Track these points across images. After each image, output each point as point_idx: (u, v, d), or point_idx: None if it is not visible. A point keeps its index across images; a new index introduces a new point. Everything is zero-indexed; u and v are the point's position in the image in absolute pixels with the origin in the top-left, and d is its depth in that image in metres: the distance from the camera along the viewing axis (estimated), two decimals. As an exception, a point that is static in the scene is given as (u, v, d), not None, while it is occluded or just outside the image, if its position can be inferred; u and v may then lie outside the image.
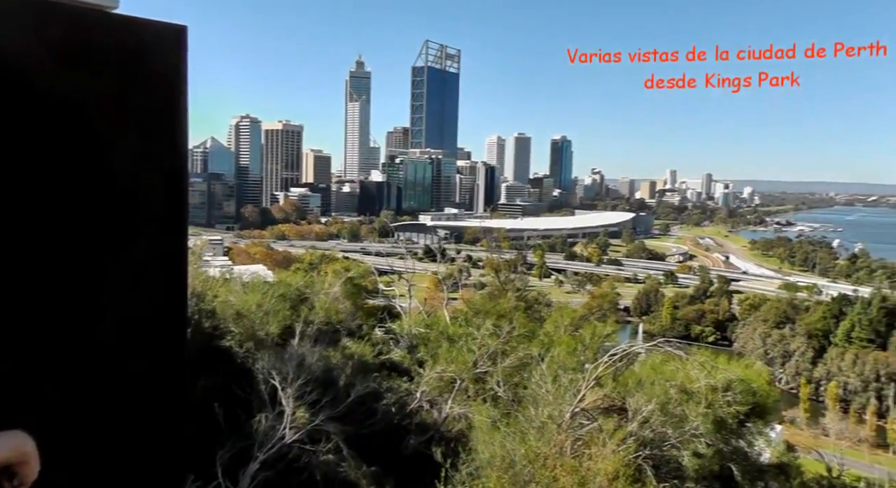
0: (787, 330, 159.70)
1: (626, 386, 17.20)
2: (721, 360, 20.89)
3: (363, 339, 18.90)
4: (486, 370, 18.40)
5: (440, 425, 16.20)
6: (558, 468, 10.90)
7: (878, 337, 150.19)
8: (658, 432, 15.79)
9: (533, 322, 24.39)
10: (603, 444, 12.60)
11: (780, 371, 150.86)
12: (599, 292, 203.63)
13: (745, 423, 19.94)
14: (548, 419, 13.81)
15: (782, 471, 22.56)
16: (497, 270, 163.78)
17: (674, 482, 14.80)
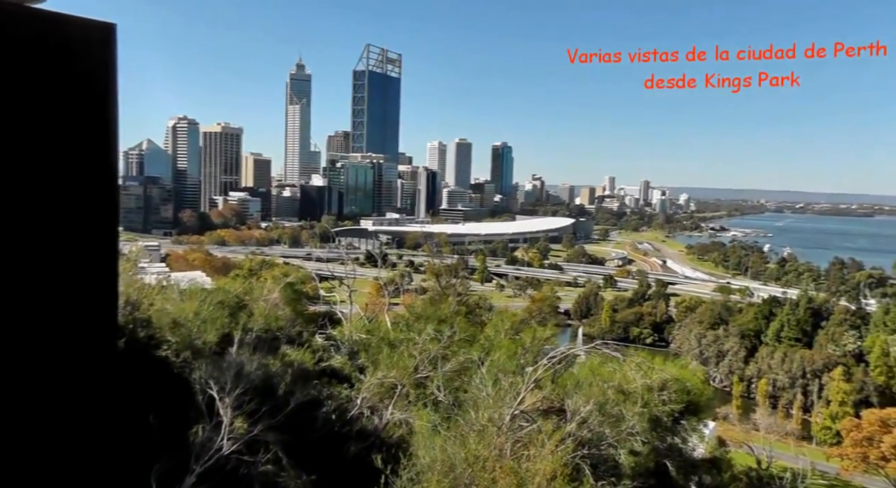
0: (721, 330, 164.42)
1: (565, 388, 17.49)
2: (657, 361, 21.44)
3: (303, 346, 18.73)
4: (426, 375, 18.48)
5: (381, 431, 16.19)
6: (498, 470, 11.04)
7: (805, 336, 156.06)
8: (596, 432, 16.09)
9: (474, 326, 24.61)
10: (542, 445, 12.79)
11: (715, 370, 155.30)
12: (540, 296, 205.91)
13: (679, 421, 20.52)
14: (488, 422, 13.94)
15: (715, 465, 23.32)
16: (438, 275, 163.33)
17: (611, 480, 15.08)
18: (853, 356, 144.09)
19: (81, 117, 1.78)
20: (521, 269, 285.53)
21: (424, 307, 29.87)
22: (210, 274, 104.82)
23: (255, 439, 12.65)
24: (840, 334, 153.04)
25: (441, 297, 60.27)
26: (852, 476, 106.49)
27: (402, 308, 38.92)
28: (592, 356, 21.90)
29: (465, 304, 47.80)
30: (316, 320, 28.96)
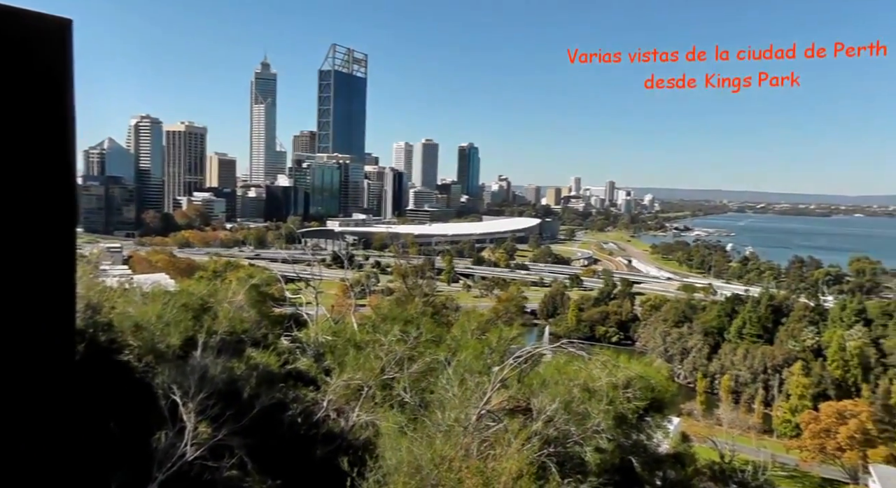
0: (685, 328, 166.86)
1: (531, 387, 17.58)
2: (622, 359, 21.73)
3: (269, 349, 18.53)
4: (393, 376, 18.46)
5: (347, 433, 16.11)
6: (464, 470, 11.07)
7: (766, 332, 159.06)
8: (562, 430, 16.21)
9: (440, 327, 24.60)
10: (508, 444, 12.86)
11: (679, 367, 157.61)
12: (506, 296, 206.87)
13: (644, 417, 20.80)
14: (454, 422, 13.98)
15: (679, 460, 23.67)
16: (405, 276, 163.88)
17: (577, 477, 15.21)
18: (812, 351, 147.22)
19: (36, 114, 1.71)
20: (487, 269, 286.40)
21: (391, 308, 29.76)
22: (174, 276, 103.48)
23: (219, 444, 12.44)
24: (799, 330, 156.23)
25: (408, 298, 60.25)
26: (810, 466, 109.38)
27: (369, 309, 38.80)
28: (558, 355, 22.07)
29: (431, 305, 47.82)
30: (282, 322, 28.71)
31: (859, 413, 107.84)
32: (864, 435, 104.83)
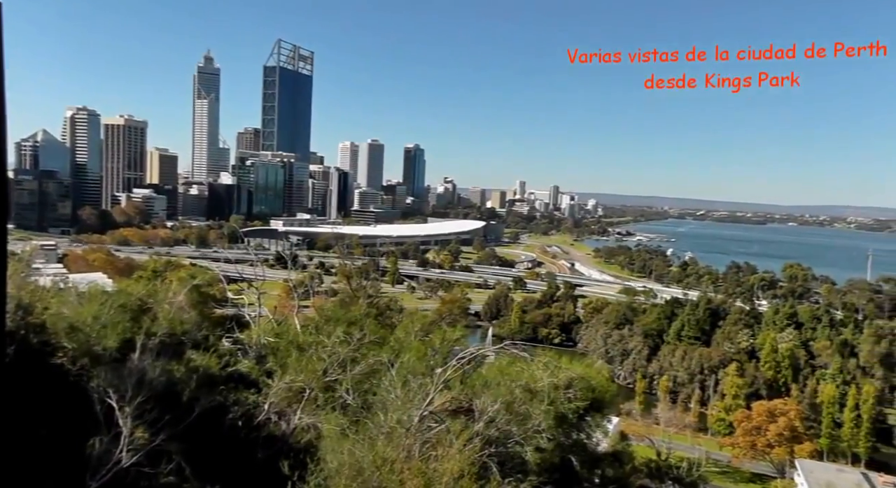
0: (626, 330, 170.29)
1: (474, 388, 17.76)
2: (564, 360, 22.07)
3: (209, 351, 18.20)
4: (336, 378, 18.39)
5: (289, 436, 15.98)
6: (405, 472, 11.14)
7: (704, 334, 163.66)
8: (503, 430, 16.42)
9: (384, 328, 24.58)
10: (450, 445, 12.98)
11: (620, 368, 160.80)
12: (450, 298, 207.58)
13: (584, 417, 21.19)
14: (396, 424, 14.05)
15: (617, 459, 24.21)
16: (349, 277, 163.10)
17: (518, 476, 15.41)
18: (746, 352, 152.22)
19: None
20: (432, 271, 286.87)
21: (334, 309, 29.57)
22: (112, 275, 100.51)
23: (156, 449, 12.14)
24: (735, 333, 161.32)
25: (352, 299, 59.98)
26: (742, 462, 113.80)
27: (313, 310, 38.41)
28: (501, 356, 22.35)
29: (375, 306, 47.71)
30: (223, 323, 28.24)
31: (788, 411, 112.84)
32: (791, 432, 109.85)
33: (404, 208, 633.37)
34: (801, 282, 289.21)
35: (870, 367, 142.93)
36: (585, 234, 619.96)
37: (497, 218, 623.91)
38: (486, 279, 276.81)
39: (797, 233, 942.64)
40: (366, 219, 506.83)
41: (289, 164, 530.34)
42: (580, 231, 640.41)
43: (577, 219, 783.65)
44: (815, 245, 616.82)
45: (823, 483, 60.05)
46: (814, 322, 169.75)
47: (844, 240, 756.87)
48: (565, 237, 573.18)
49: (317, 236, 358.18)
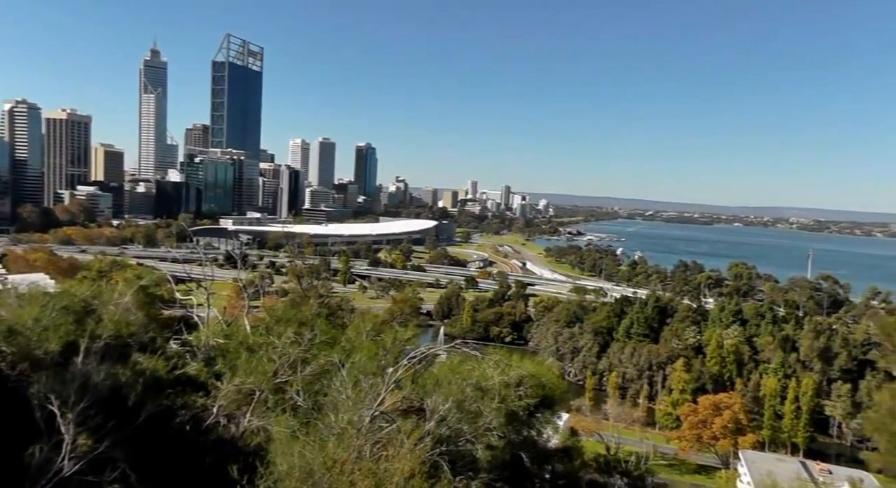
0: (576, 328, 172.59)
1: (425, 387, 17.82)
2: (515, 359, 22.29)
3: (156, 353, 17.85)
4: (286, 379, 18.22)
5: (238, 440, 15.78)
6: (356, 473, 11.13)
7: (652, 331, 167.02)
8: (454, 428, 16.50)
9: (335, 328, 24.43)
10: (401, 445, 13.01)
11: (570, 365, 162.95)
12: (402, 297, 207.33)
13: (535, 414, 21.44)
14: (347, 424, 14.01)
15: (567, 454, 24.56)
16: (300, 277, 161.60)
17: (469, 474, 15.55)
18: (693, 348, 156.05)
19: None
20: (384, 271, 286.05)
21: (285, 309, 29.23)
22: (54, 276, 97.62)
23: (100, 456, 11.78)
24: (682, 330, 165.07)
25: (302, 299, 59.37)
26: (688, 454, 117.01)
27: (263, 311, 37.93)
28: (452, 355, 22.44)
29: (326, 306, 47.34)
30: (171, 325, 27.72)
31: (732, 404, 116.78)
32: (735, 425, 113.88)
33: (356, 207, 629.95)
34: (745, 280, 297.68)
35: (809, 361, 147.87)
36: (537, 234, 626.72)
37: (449, 217, 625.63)
38: (439, 278, 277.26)
39: (742, 233, 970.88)
40: (317, 218, 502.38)
41: (239, 162, 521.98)
42: (531, 231, 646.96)
43: (529, 218, 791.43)
44: (759, 245, 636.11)
45: (765, 472, 62.17)
46: (758, 318, 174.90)
47: (786, 240, 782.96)
48: (517, 237, 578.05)
49: (267, 235, 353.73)
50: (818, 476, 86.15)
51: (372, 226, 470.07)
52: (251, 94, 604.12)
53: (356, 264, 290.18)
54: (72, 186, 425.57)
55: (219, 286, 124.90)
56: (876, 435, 27.57)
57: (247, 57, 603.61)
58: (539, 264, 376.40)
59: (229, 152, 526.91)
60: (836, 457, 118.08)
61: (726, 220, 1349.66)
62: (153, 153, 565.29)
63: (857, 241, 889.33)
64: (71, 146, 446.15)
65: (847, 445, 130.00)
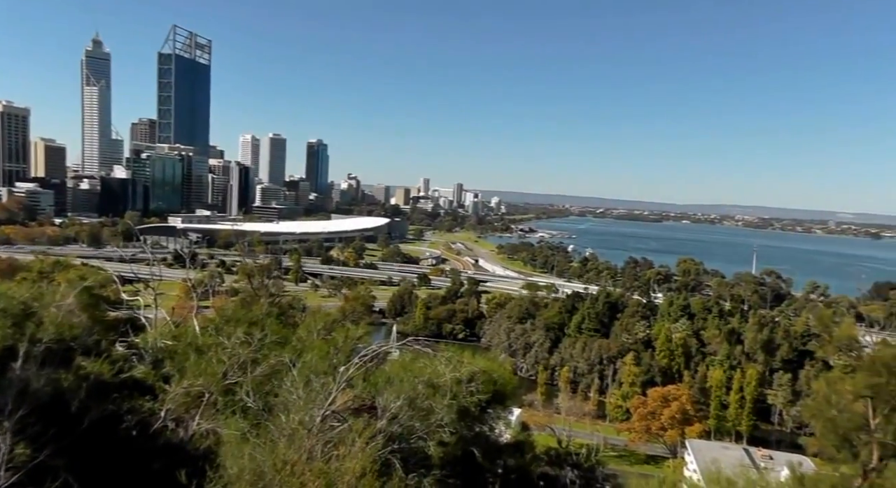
0: (528, 324, 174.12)
1: (377, 386, 17.83)
2: (467, 355, 22.52)
3: (101, 357, 17.40)
4: (236, 380, 18.00)
5: (187, 444, 15.53)
6: (307, 473, 11.08)
7: (603, 326, 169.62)
8: (406, 426, 16.56)
9: (286, 328, 24.24)
10: (352, 444, 12.98)
11: (522, 361, 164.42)
12: (354, 295, 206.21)
13: (486, 410, 21.67)
14: (298, 425, 13.93)
15: (518, 448, 24.90)
16: (251, 276, 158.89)
17: (421, 471, 15.59)
18: (643, 342, 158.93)
19: None
20: (336, 269, 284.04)
21: (235, 309, 28.89)
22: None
23: (40, 466, 11.37)
24: (632, 324, 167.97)
25: (253, 299, 58.62)
26: (637, 445, 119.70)
27: (213, 311, 37.33)
28: (405, 353, 22.54)
29: (277, 305, 46.77)
30: (117, 327, 27.07)
31: (680, 396, 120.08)
32: (683, 415, 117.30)
33: (307, 205, 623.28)
34: (693, 275, 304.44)
35: (753, 353, 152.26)
36: (489, 231, 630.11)
37: (401, 215, 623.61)
38: (391, 276, 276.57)
39: (690, 230, 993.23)
40: (268, 216, 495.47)
41: (187, 158, 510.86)
42: (484, 228, 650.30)
43: (481, 216, 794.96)
44: (706, 241, 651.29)
45: (710, 460, 63.89)
46: (705, 313, 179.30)
47: (732, 236, 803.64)
48: (469, 234, 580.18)
49: (217, 233, 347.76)
50: (760, 461, 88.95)
51: (324, 223, 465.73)
52: (199, 87, 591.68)
53: (308, 262, 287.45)
54: (9, 183, 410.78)
55: (167, 286, 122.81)
56: (813, 421, 28.83)
57: (194, 49, 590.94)
58: (491, 261, 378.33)
59: (177, 148, 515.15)
60: (777, 443, 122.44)
61: (675, 218, 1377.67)
62: (97, 148, 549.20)
63: (798, 238, 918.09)
64: (8, 140, 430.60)
65: (787, 432, 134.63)
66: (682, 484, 55.39)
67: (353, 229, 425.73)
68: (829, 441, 25.09)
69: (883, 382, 23.55)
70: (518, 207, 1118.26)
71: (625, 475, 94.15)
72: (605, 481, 29.18)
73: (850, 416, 24.07)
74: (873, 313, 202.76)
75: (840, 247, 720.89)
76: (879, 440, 23.27)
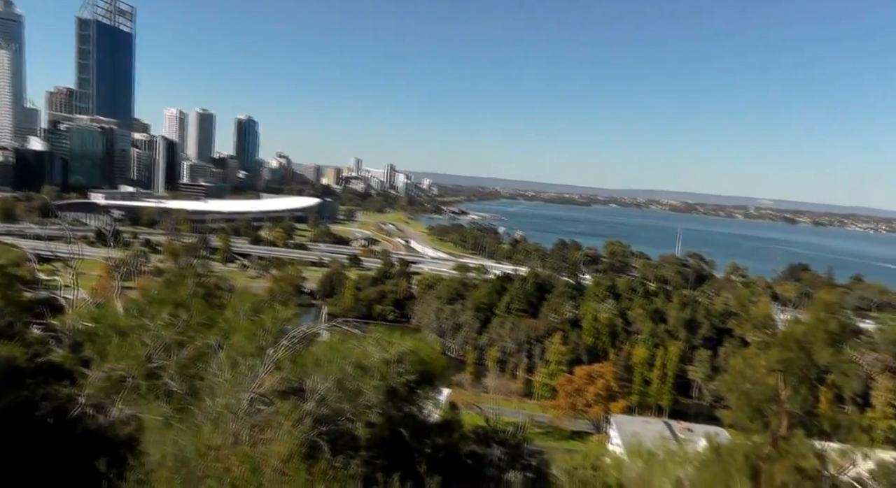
0: (458, 305, 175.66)
1: (305, 367, 17.71)
2: (396, 336, 22.59)
3: (14, 339, 16.76)
4: (160, 364, 17.64)
5: (107, 431, 15.14)
6: (232, 458, 10.98)
7: (531, 307, 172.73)
8: (334, 408, 16.53)
9: (213, 309, 23.77)
10: (279, 427, 12.92)
11: (452, 341, 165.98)
12: (283, 276, 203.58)
13: (415, 390, 21.84)
14: (224, 409, 13.77)
15: (446, 428, 25.19)
16: (176, 255, 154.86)
17: (348, 453, 15.63)
18: (570, 322, 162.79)
19: None
20: (265, 249, 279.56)
21: (160, 290, 28.13)
22: None
23: None
24: (560, 304, 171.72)
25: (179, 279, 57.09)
26: (563, 422, 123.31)
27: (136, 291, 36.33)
28: (334, 334, 22.48)
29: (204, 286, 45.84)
30: (33, 308, 26.11)
31: (605, 373, 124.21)
32: (608, 392, 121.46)
33: (236, 183, 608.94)
34: (620, 257, 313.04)
35: (675, 331, 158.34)
36: (420, 213, 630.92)
37: (332, 195, 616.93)
38: (321, 257, 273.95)
39: (618, 213, 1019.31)
40: (195, 194, 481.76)
41: (109, 131, 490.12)
42: (415, 209, 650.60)
43: (413, 197, 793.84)
44: (633, 225, 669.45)
45: (632, 434, 66.49)
46: (630, 293, 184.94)
47: (658, 220, 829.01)
48: (400, 215, 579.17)
49: (142, 211, 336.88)
50: (680, 433, 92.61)
51: (253, 202, 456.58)
52: (121, 56, 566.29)
53: (236, 242, 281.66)
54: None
55: (88, 265, 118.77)
56: (729, 394, 30.48)
57: (116, 16, 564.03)
58: (422, 242, 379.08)
59: (99, 120, 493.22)
60: (696, 416, 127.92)
61: (603, 201, 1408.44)
62: (10, 118, 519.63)
63: (720, 222, 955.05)
64: None
65: (706, 405, 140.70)
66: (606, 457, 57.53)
67: (282, 209, 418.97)
68: (743, 412, 26.76)
69: (793, 357, 25.31)
70: (449, 189, 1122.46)
71: (550, 451, 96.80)
72: (530, 457, 29.78)
73: (763, 389, 25.80)
74: (787, 293, 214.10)
75: (759, 231, 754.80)
76: (788, 410, 25.15)
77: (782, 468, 24.66)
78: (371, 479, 12.43)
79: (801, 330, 26.48)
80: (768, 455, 25.29)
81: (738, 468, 23.04)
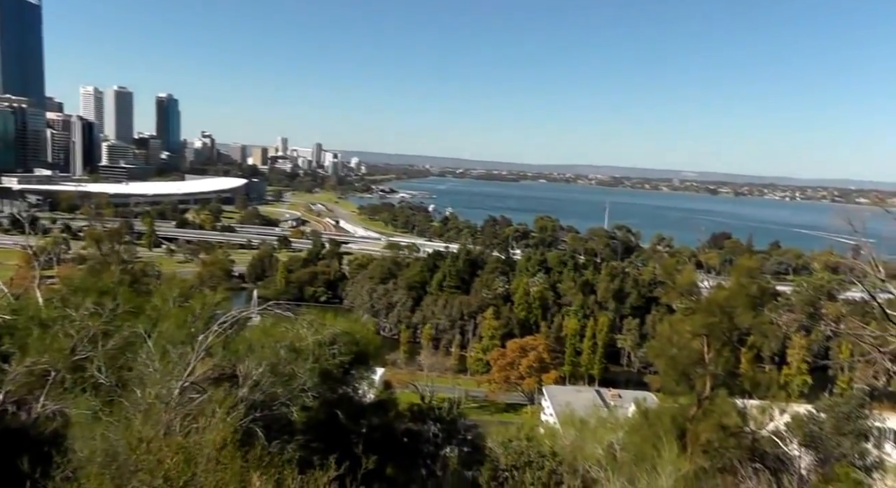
0: (390, 284, 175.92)
1: (238, 353, 17.57)
2: (329, 317, 22.62)
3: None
4: (86, 356, 17.18)
5: (30, 428, 14.68)
6: (164, 449, 10.85)
7: (464, 283, 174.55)
8: (268, 393, 16.46)
9: (140, 296, 23.24)
10: (212, 415, 12.80)
11: (385, 321, 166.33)
12: (212, 260, 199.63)
13: (349, 372, 21.97)
14: (155, 399, 13.56)
15: (382, 407, 25.48)
16: (99, 241, 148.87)
17: (284, 438, 15.64)
18: (502, 297, 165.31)
19: None
20: (192, 232, 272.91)
21: (83, 278, 27.31)
22: None
23: None
24: (492, 280, 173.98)
25: (103, 266, 55.46)
26: (497, 396, 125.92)
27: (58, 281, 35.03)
28: (266, 318, 22.33)
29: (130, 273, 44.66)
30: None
31: (537, 346, 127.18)
32: (540, 364, 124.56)
33: (159, 164, 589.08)
34: (550, 232, 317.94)
35: (605, 302, 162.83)
36: (350, 192, 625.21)
37: (259, 175, 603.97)
38: (250, 239, 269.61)
39: (547, 189, 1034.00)
40: (116, 176, 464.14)
41: (20, 110, 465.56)
42: (344, 189, 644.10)
43: (341, 176, 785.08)
44: (562, 199, 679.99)
45: (564, 403, 68.60)
46: (561, 266, 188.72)
47: (586, 194, 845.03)
48: (329, 195, 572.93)
49: (60, 195, 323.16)
50: (610, 400, 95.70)
51: (178, 184, 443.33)
52: (29, 30, 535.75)
53: (162, 226, 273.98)
54: None
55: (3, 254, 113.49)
56: (657, 360, 32.00)
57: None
58: (353, 222, 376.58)
59: (7, 98, 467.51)
60: (626, 383, 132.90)
61: (532, 177, 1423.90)
62: None
63: (646, 195, 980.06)
64: None
65: (635, 372, 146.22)
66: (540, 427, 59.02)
67: (209, 190, 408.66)
68: (670, 377, 28.16)
69: (716, 321, 26.81)
70: (378, 168, 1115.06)
71: (486, 424, 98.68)
72: (466, 432, 30.48)
73: (688, 353, 27.26)
74: (710, 261, 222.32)
75: (683, 202, 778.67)
76: (711, 372, 26.77)
77: (707, 427, 26.06)
78: (307, 463, 12.47)
79: (723, 295, 27.91)
80: (694, 415, 26.67)
81: (665, 429, 24.13)
